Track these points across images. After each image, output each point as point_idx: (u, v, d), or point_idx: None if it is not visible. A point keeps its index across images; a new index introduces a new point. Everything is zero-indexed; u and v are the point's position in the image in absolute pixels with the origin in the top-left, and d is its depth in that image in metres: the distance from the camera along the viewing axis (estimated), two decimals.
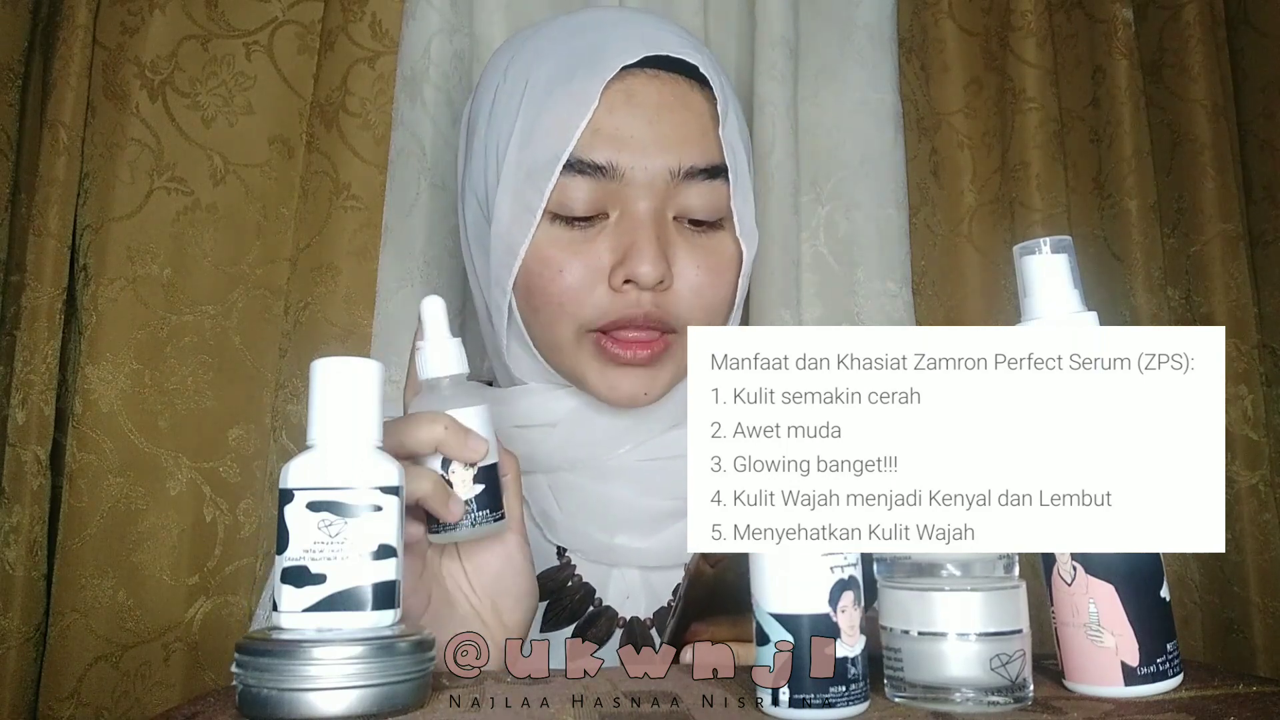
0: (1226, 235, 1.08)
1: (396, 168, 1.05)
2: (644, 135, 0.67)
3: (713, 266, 0.70)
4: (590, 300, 0.68)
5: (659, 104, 0.67)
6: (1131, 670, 0.47)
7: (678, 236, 0.69)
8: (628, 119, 0.67)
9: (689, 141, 0.68)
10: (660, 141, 0.67)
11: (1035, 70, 1.13)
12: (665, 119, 0.67)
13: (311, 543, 0.48)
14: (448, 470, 0.57)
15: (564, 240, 0.68)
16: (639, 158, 0.66)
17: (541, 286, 0.68)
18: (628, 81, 0.67)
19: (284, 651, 0.45)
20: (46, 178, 1.02)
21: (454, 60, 1.07)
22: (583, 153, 0.66)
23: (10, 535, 0.98)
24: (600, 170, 0.66)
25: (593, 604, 0.72)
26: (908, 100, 1.13)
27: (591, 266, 0.67)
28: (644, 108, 0.67)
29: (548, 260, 0.68)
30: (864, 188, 1.08)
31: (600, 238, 0.68)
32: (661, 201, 0.68)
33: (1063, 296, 0.51)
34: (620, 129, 0.66)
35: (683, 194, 0.68)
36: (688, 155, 0.67)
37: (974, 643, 0.46)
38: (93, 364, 1.03)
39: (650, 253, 0.65)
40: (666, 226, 0.68)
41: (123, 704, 1.00)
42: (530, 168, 0.67)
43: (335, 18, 1.09)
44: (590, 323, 0.68)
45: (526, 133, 0.68)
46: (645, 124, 0.67)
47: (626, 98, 0.67)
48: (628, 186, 0.67)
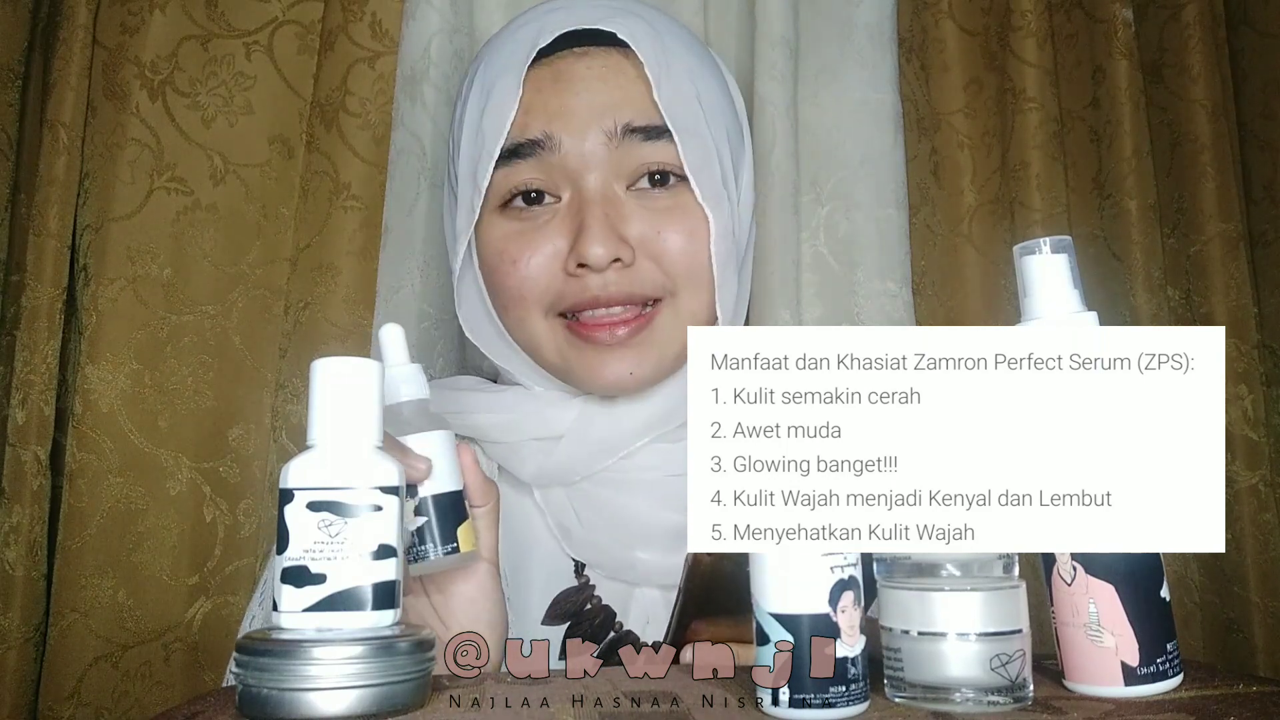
0: (1226, 235, 1.08)
1: (396, 168, 1.05)
2: (574, 105, 0.66)
3: (680, 226, 0.67)
4: (549, 286, 0.67)
5: (587, 76, 0.67)
6: (1131, 670, 0.47)
7: (636, 204, 0.67)
8: (556, 95, 0.66)
9: (623, 104, 0.66)
10: (592, 108, 0.66)
11: (1035, 70, 1.13)
12: (595, 88, 0.66)
13: (311, 543, 0.48)
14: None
15: (515, 231, 0.67)
16: (572, 124, 0.65)
17: (500, 280, 0.68)
18: (555, 65, 0.67)
19: (284, 651, 0.45)
20: (46, 178, 1.02)
21: (454, 60, 1.07)
22: (518, 134, 0.66)
23: (10, 535, 0.98)
24: (538, 145, 0.65)
25: (613, 629, 0.69)
26: (908, 100, 1.13)
27: (546, 253, 0.66)
28: (572, 81, 0.66)
29: (503, 253, 0.67)
30: (864, 188, 1.08)
31: (553, 222, 0.67)
32: (607, 171, 0.66)
33: (1063, 296, 0.51)
34: (549, 104, 0.66)
35: (629, 157, 0.66)
36: (622, 115, 0.66)
37: (974, 643, 0.46)
38: (93, 364, 1.03)
39: (600, 232, 0.64)
40: (618, 201, 0.66)
41: (123, 704, 1.00)
42: (473, 166, 0.68)
43: (335, 18, 1.09)
44: (553, 308, 0.67)
45: (472, 131, 0.68)
46: (574, 95, 0.66)
47: (554, 78, 0.67)
48: (569, 160, 0.66)
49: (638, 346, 0.67)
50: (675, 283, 0.67)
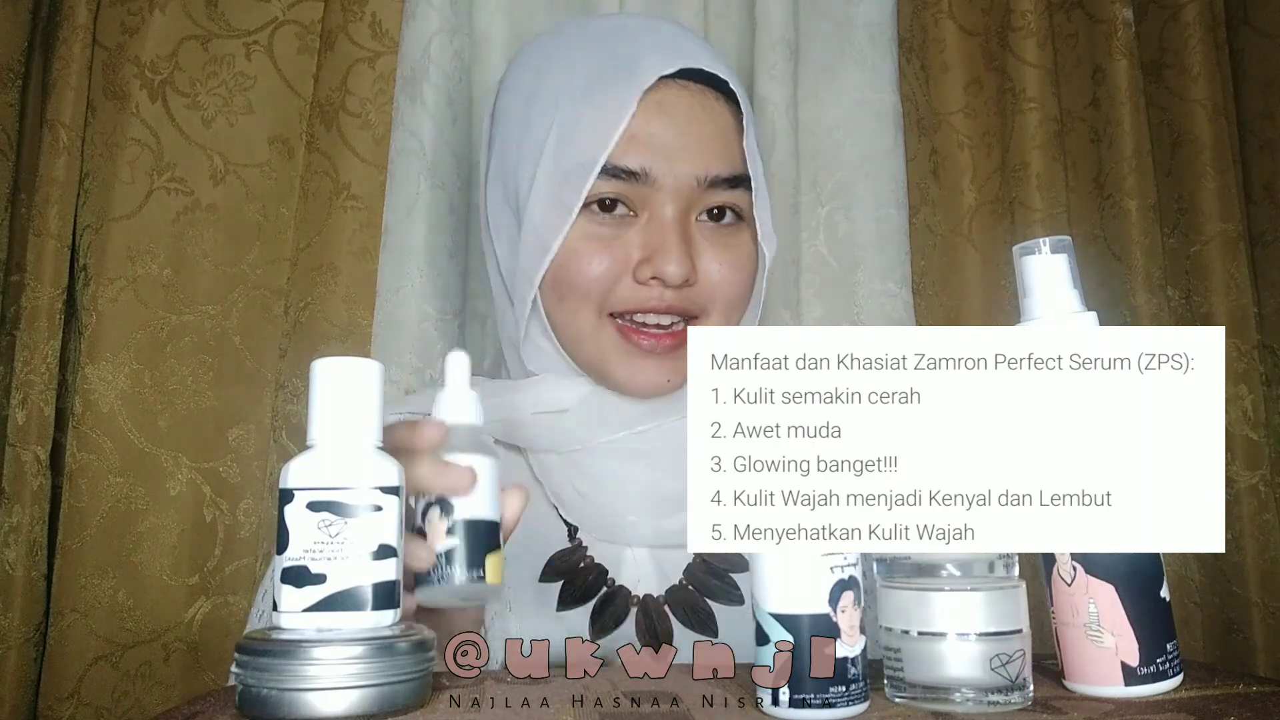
0: (1226, 235, 1.08)
1: (396, 168, 1.05)
2: (674, 144, 0.71)
3: (733, 262, 0.73)
4: (615, 290, 0.71)
5: (688, 115, 0.71)
6: (1131, 670, 0.47)
7: (700, 235, 0.73)
8: (660, 128, 0.71)
9: (714, 152, 0.72)
10: (688, 150, 0.71)
11: (1035, 70, 1.13)
12: (694, 129, 0.71)
13: (312, 543, 0.48)
14: (424, 518, 0.53)
15: (594, 234, 0.71)
16: (669, 164, 0.70)
17: (568, 277, 0.72)
18: (660, 92, 0.71)
19: (284, 651, 0.45)
20: (46, 178, 1.02)
21: (454, 60, 1.07)
22: (618, 158, 0.70)
23: (10, 535, 0.98)
24: (634, 175, 0.70)
25: (606, 584, 0.73)
26: (908, 100, 1.13)
27: (619, 259, 0.71)
28: (674, 118, 0.71)
29: (577, 252, 0.71)
30: (864, 188, 1.08)
31: (629, 234, 0.71)
32: (688, 205, 0.72)
33: (1063, 296, 0.51)
34: (654, 137, 0.70)
35: (706, 199, 0.72)
36: (713, 165, 0.72)
37: (974, 643, 0.46)
38: (93, 364, 1.03)
39: (677, 253, 0.70)
40: (691, 227, 0.72)
41: (123, 704, 1.00)
42: (567, 169, 0.71)
43: (335, 18, 1.09)
44: (610, 306, 0.72)
45: (564, 136, 0.71)
46: (676, 133, 0.71)
47: (659, 108, 0.71)
48: (657, 191, 0.71)
49: (677, 357, 0.72)
50: (713, 305, 0.73)
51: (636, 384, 0.72)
